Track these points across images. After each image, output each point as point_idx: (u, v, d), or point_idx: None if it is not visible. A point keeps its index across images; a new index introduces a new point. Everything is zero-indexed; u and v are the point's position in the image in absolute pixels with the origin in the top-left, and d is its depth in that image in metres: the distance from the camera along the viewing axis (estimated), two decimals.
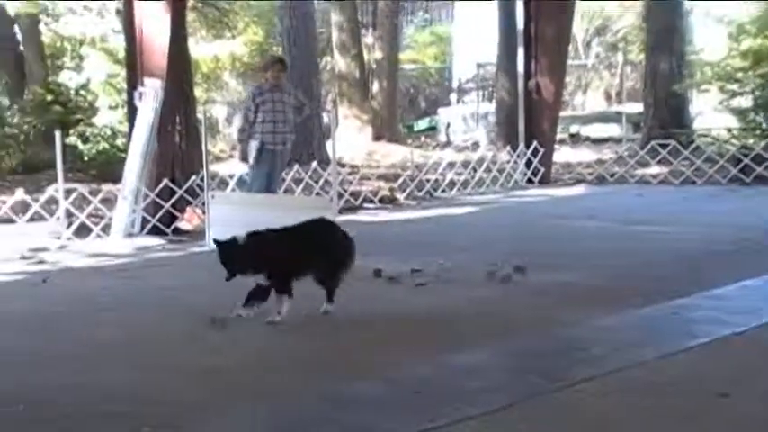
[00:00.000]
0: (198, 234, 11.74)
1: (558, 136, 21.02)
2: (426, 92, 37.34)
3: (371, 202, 15.28)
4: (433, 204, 15.40)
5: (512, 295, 7.76)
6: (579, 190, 17.30)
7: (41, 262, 10.36)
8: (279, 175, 12.40)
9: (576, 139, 27.96)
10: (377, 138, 26.40)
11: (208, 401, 5.03)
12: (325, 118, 24.40)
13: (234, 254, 6.61)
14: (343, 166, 19.21)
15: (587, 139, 27.79)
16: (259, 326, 6.75)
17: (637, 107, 26.61)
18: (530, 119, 18.10)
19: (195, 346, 6.34)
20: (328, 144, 21.08)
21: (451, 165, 17.61)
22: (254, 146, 11.72)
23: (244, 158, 11.95)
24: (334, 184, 10.31)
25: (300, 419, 4.64)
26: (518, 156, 17.88)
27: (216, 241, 6.76)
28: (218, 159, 22.05)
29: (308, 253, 6.87)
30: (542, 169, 17.83)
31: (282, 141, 11.85)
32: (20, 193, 12.10)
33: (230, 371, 5.65)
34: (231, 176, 13.95)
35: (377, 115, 27.01)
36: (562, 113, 22.43)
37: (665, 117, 22.68)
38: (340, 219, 10.56)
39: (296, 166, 15.24)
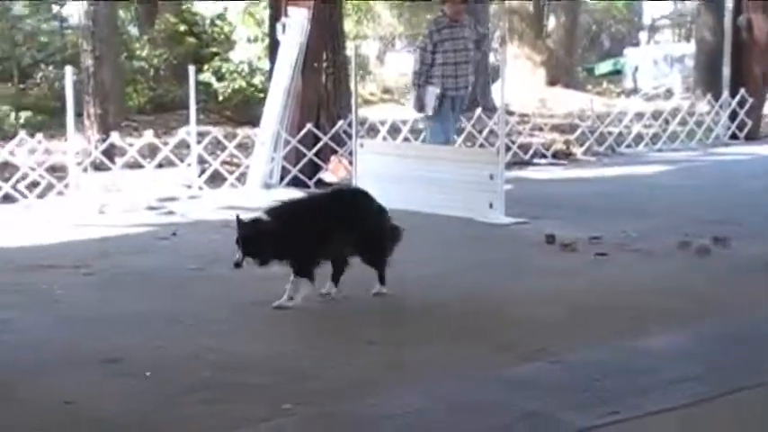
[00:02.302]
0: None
1: None
2: (611, 29, 36.65)
3: (543, 156, 15.15)
4: (615, 161, 15.15)
5: (710, 270, 7.59)
6: None
7: (170, 213, 10.71)
8: (456, 124, 12.29)
9: None
10: (551, 82, 26.11)
11: (361, 377, 5.15)
12: (492, 58, 24.25)
13: (257, 238, 6.37)
14: (511, 113, 19.02)
15: None
16: (423, 295, 6.86)
17: None
18: (737, 62, 17.54)
19: (343, 315, 6.46)
20: (494, 88, 20.95)
21: (639, 115, 17.25)
22: (432, 92, 11.46)
23: (420, 108, 11.71)
24: (501, 134, 10.26)
25: (471, 402, 4.70)
26: (720, 106, 17.38)
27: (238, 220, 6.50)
28: (367, 103, 22.24)
29: (340, 230, 6.65)
30: (750, 123, 17.29)
31: (465, 85, 11.69)
32: (149, 136, 12.46)
33: (384, 343, 5.76)
34: (382, 122, 14.06)
35: (552, 56, 26.70)
36: None
37: None
38: (507, 174, 10.56)
39: None
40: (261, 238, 6.34)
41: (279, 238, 6.36)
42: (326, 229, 6.58)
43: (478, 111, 15.53)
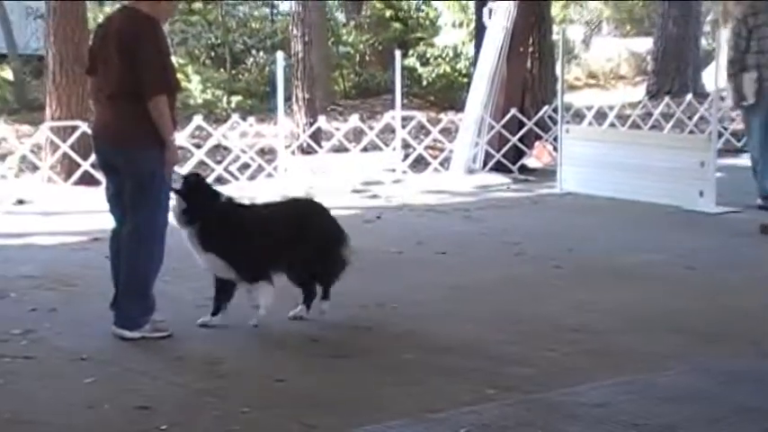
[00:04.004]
0: (548, 173, 11.81)
1: None
2: None
3: None
4: None
5: None
6: None
7: (375, 196, 10.86)
8: None
9: None
10: None
11: (563, 364, 5.13)
12: (704, 41, 23.54)
13: (196, 193, 5.83)
14: (723, 99, 18.50)
15: None
16: (625, 284, 6.78)
17: None
18: None
19: (544, 302, 6.43)
20: (706, 73, 20.37)
21: None
22: (749, 79, 10.62)
23: (739, 100, 10.42)
24: (713, 120, 10.01)
25: (678, 393, 4.63)
26: None
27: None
28: (572, 88, 21.98)
29: (283, 244, 6.00)
30: None
31: None
32: (354, 120, 12.69)
33: (587, 331, 5.72)
34: (588, 108, 13.88)
35: None
36: None
37: None
38: (718, 162, 10.24)
39: (666, 99, 14.89)
40: (196, 196, 5.82)
41: (213, 217, 5.84)
42: (262, 241, 5.93)
43: (688, 96, 15.16)
